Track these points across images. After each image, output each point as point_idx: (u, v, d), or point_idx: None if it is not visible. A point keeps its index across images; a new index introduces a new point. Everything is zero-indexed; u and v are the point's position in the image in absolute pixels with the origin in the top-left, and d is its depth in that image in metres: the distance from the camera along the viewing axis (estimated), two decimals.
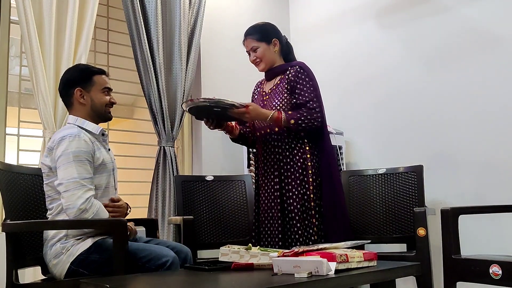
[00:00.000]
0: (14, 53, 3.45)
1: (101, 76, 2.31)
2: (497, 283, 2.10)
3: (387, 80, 3.63)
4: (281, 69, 2.63)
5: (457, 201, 3.14)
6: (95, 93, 2.28)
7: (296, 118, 2.44)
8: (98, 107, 2.28)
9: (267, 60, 2.62)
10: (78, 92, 2.26)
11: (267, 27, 2.67)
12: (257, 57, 2.61)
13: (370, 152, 3.69)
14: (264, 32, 2.63)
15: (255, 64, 2.65)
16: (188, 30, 3.54)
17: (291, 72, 2.57)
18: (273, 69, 2.65)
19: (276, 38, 2.64)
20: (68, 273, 2.07)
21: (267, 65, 2.63)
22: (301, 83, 2.52)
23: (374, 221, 3.07)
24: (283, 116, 2.44)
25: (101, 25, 3.53)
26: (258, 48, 2.60)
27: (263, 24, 2.69)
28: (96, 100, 2.28)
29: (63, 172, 2.08)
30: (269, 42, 2.61)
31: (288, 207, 2.45)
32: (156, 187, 3.31)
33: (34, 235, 2.24)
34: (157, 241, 2.37)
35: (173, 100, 3.44)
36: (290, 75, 2.55)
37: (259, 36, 2.61)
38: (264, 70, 2.66)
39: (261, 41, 2.60)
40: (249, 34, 2.64)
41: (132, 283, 1.68)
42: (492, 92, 3.10)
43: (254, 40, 2.60)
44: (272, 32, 2.65)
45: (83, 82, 2.27)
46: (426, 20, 3.45)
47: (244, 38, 2.65)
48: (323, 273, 1.60)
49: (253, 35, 2.62)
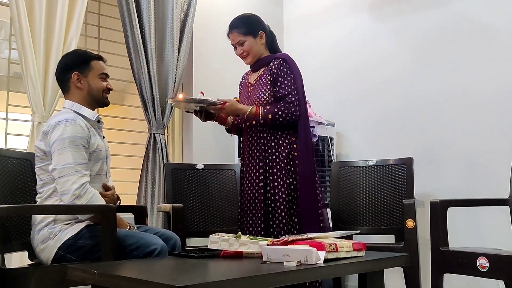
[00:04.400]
0: (3, 36, 3.39)
1: (99, 61, 2.31)
2: (484, 275, 2.12)
3: (379, 72, 3.63)
4: (266, 61, 2.59)
5: (446, 194, 3.16)
6: (92, 78, 2.27)
7: (273, 113, 2.44)
8: (95, 92, 2.27)
9: (254, 53, 2.58)
10: (75, 76, 2.24)
11: (252, 20, 2.62)
12: (244, 51, 2.56)
13: (361, 143, 3.70)
14: (250, 25, 2.58)
15: (242, 58, 2.61)
16: (180, 17, 3.51)
17: (274, 64, 2.53)
18: (258, 61, 2.61)
19: (261, 30, 2.59)
20: (55, 259, 2.06)
21: (254, 58, 2.59)
22: (283, 76, 2.50)
23: (364, 212, 3.08)
24: (260, 111, 2.46)
25: (92, 9, 3.49)
26: (245, 42, 2.54)
27: (248, 17, 2.63)
28: (93, 85, 2.26)
29: (58, 158, 2.06)
30: (256, 35, 2.57)
31: (272, 197, 2.44)
32: (145, 174, 3.30)
33: (21, 219, 2.22)
34: (146, 228, 2.36)
35: (164, 87, 3.41)
36: (273, 67, 2.53)
37: (245, 30, 2.55)
38: (251, 63, 2.63)
39: (248, 35, 2.55)
40: (234, 27, 2.57)
41: (120, 269, 1.67)
42: (483, 85, 3.12)
43: (241, 34, 2.55)
44: (257, 24, 2.60)
45: (80, 67, 2.25)
46: (419, 12, 3.45)
47: (229, 31, 2.59)
48: (312, 262, 1.60)
49: (238, 29, 2.56)
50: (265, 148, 2.51)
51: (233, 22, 2.60)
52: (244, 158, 2.64)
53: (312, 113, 3.57)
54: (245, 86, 2.70)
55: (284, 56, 2.59)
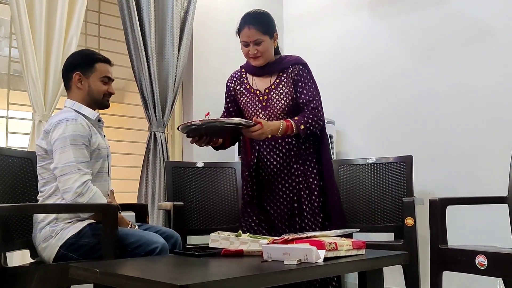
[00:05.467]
0: (3, 34, 3.40)
1: (104, 64, 2.29)
2: (482, 273, 2.13)
3: (379, 70, 3.63)
4: (281, 66, 2.39)
5: (445, 191, 3.17)
6: (93, 80, 2.26)
7: (304, 122, 2.26)
8: (94, 94, 2.27)
9: (268, 55, 2.37)
10: (76, 76, 2.25)
11: (270, 19, 2.40)
12: (259, 51, 2.32)
13: (361, 141, 3.71)
14: (268, 24, 2.36)
15: (252, 58, 2.35)
16: (180, 15, 3.51)
17: (293, 70, 2.38)
18: (270, 65, 2.39)
19: (276, 31, 2.41)
20: (57, 257, 2.07)
21: (266, 60, 2.37)
22: (304, 81, 2.36)
23: (363, 210, 3.09)
24: (293, 125, 2.24)
25: (92, 7, 3.49)
26: (262, 42, 2.31)
27: (266, 14, 2.41)
28: (93, 87, 2.26)
29: (60, 156, 2.07)
30: (272, 36, 2.37)
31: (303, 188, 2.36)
32: (146, 173, 3.31)
33: (23, 218, 2.24)
34: (146, 226, 2.37)
35: (164, 85, 3.42)
36: (293, 74, 2.37)
37: (265, 28, 2.32)
38: (261, 65, 2.39)
39: (266, 34, 2.32)
40: (253, 23, 2.31)
41: (122, 268, 1.68)
42: (483, 83, 3.12)
43: (260, 33, 2.30)
44: (273, 24, 2.40)
45: (83, 67, 2.25)
46: (419, 11, 3.46)
47: (245, 27, 2.32)
48: (312, 260, 1.61)
49: (258, 26, 2.30)
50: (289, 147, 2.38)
51: (252, 17, 2.34)
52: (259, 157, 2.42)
53: None
54: (249, 93, 2.43)
55: (302, 61, 2.44)
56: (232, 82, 2.49)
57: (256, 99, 2.40)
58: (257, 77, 2.43)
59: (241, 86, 2.46)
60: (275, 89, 2.37)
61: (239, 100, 2.47)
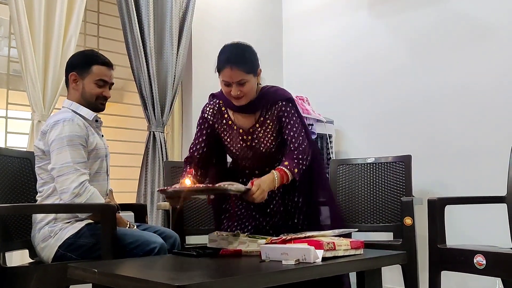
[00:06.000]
0: (2, 34, 3.41)
1: (102, 67, 2.26)
2: (481, 272, 2.14)
3: (378, 69, 3.63)
4: (264, 104, 2.20)
5: (444, 191, 3.18)
6: (88, 82, 2.25)
7: (296, 165, 2.11)
8: (87, 97, 2.25)
9: (251, 94, 2.15)
10: (72, 76, 2.25)
11: (254, 54, 2.16)
12: (243, 92, 2.09)
13: (360, 141, 3.71)
14: (253, 62, 2.13)
15: (234, 98, 2.12)
16: (179, 14, 3.51)
17: (277, 108, 2.19)
18: (253, 102, 2.18)
19: (259, 66, 2.18)
20: (55, 257, 2.07)
21: (249, 99, 2.15)
22: (288, 116, 2.19)
23: (362, 210, 3.10)
24: (286, 172, 2.08)
25: (91, 7, 3.49)
26: (246, 82, 2.08)
27: (249, 50, 2.16)
28: (87, 89, 2.25)
29: (57, 157, 2.07)
30: (256, 73, 2.15)
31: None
32: (145, 172, 3.31)
33: (22, 218, 2.24)
34: (145, 226, 2.37)
35: (163, 85, 3.42)
36: (277, 111, 2.19)
37: (249, 68, 2.09)
38: (243, 104, 2.16)
39: (250, 73, 2.09)
40: (236, 63, 2.05)
41: (120, 268, 1.69)
42: (483, 84, 3.12)
43: (243, 73, 2.06)
44: (257, 59, 2.17)
45: (80, 68, 2.25)
46: (418, 10, 3.46)
47: (228, 67, 2.06)
48: (310, 260, 1.62)
49: (242, 66, 2.06)
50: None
51: (234, 56, 2.08)
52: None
53: (311, 111, 3.59)
54: (232, 131, 2.25)
55: (286, 95, 2.24)
56: (212, 115, 2.25)
57: (240, 138, 2.24)
58: (239, 113, 2.23)
59: (221, 121, 2.26)
60: (260, 128, 2.21)
61: (220, 135, 2.29)
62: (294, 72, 4.19)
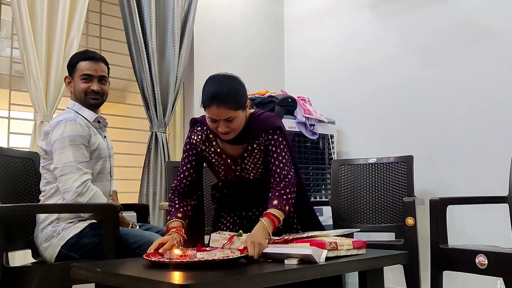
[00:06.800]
0: (5, 35, 3.41)
1: (86, 62, 2.23)
2: (483, 272, 2.14)
3: (380, 70, 3.64)
4: (253, 135, 2.10)
5: (445, 191, 3.18)
6: (76, 80, 2.25)
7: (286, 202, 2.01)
8: (77, 95, 2.25)
9: (240, 128, 2.04)
10: (66, 80, 2.27)
11: (242, 88, 2.03)
12: (231, 127, 1.98)
13: (362, 141, 3.71)
14: (241, 97, 1.99)
15: (222, 134, 2.01)
16: (181, 15, 3.52)
17: (264, 136, 2.10)
18: (241, 134, 2.06)
19: (248, 99, 2.06)
20: (58, 257, 2.08)
21: (236, 133, 2.04)
22: (275, 145, 2.09)
23: (364, 210, 3.10)
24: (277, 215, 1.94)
25: (94, 8, 3.50)
26: (234, 119, 1.96)
27: (237, 85, 2.01)
28: (76, 87, 2.25)
29: (59, 156, 2.08)
30: (244, 108, 2.02)
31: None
32: (147, 173, 3.31)
33: (25, 218, 2.24)
34: (147, 226, 2.38)
35: (165, 85, 3.42)
36: (264, 140, 2.10)
37: (236, 104, 1.96)
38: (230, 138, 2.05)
39: (238, 110, 1.97)
40: (223, 102, 1.92)
41: (123, 267, 1.69)
42: (485, 85, 3.13)
43: (231, 110, 1.94)
44: (245, 92, 2.04)
45: (70, 69, 2.27)
46: (421, 11, 3.46)
47: (214, 105, 1.92)
48: (316, 261, 1.62)
49: (229, 104, 1.93)
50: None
51: (220, 94, 1.93)
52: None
53: (313, 111, 3.59)
54: (221, 158, 2.16)
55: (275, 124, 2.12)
56: (201, 142, 2.14)
57: (227, 166, 2.16)
58: (226, 142, 2.11)
59: (210, 149, 2.16)
60: (248, 157, 2.13)
61: (209, 162, 2.20)
62: (296, 72, 4.20)
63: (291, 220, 2.23)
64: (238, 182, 2.20)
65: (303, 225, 2.25)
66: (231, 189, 2.27)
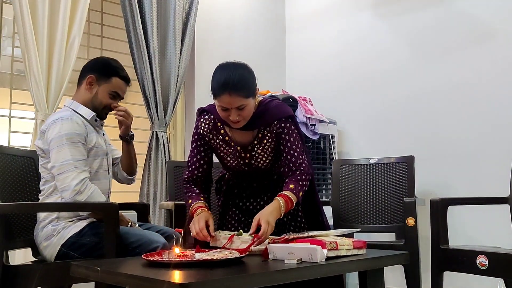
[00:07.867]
0: (6, 34, 3.41)
1: (121, 81, 2.29)
2: (483, 273, 2.14)
3: (381, 70, 3.63)
4: (263, 122, 2.08)
5: (446, 192, 3.17)
6: (103, 90, 2.26)
7: (300, 188, 2.02)
8: (96, 104, 2.26)
9: (250, 116, 2.02)
10: (89, 79, 2.25)
11: (252, 76, 2.03)
12: (242, 116, 1.97)
13: (362, 141, 3.71)
14: (251, 85, 1.99)
15: (233, 122, 1.99)
16: (183, 15, 3.52)
17: (276, 124, 2.08)
18: (251, 121, 2.04)
19: (257, 86, 2.05)
20: (58, 256, 2.08)
21: (247, 121, 2.02)
22: (288, 133, 2.08)
23: (365, 210, 3.10)
24: (292, 198, 1.97)
25: (95, 7, 3.50)
26: (245, 106, 1.96)
27: (246, 73, 2.01)
28: (99, 96, 2.26)
29: (57, 155, 2.08)
30: (254, 95, 2.02)
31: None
32: (148, 172, 3.31)
33: (25, 216, 2.24)
34: (148, 225, 2.38)
35: (166, 85, 3.42)
36: (276, 128, 2.08)
37: (247, 92, 1.95)
38: (241, 126, 2.04)
39: (249, 97, 1.96)
40: (235, 90, 1.92)
41: (123, 266, 1.69)
42: (484, 84, 3.12)
43: (243, 98, 1.94)
44: (255, 79, 2.04)
45: (100, 74, 2.26)
46: (421, 11, 3.46)
47: (226, 93, 1.92)
48: (317, 260, 1.61)
49: (241, 92, 1.93)
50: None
51: (232, 81, 1.93)
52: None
53: (314, 111, 3.59)
54: (229, 147, 2.14)
55: (286, 113, 2.11)
56: (208, 131, 2.13)
57: (237, 154, 2.13)
58: (235, 128, 2.08)
59: (217, 137, 2.14)
60: (258, 145, 2.11)
61: (217, 151, 2.18)
62: (297, 72, 4.20)
63: (295, 212, 2.21)
64: (247, 171, 2.19)
65: (308, 219, 2.23)
66: (237, 180, 2.27)
